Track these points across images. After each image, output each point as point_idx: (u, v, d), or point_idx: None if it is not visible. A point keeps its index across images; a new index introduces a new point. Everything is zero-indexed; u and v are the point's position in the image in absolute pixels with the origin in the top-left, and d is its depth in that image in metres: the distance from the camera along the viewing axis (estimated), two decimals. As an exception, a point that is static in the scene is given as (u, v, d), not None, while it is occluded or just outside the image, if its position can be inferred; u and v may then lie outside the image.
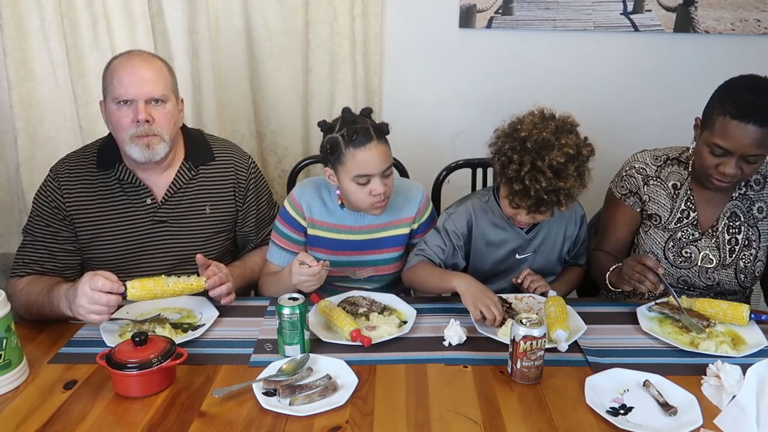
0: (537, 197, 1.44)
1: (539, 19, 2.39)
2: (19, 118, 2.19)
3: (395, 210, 1.71)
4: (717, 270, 1.67)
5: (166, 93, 1.56)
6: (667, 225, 1.70)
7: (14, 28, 2.12)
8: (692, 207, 1.68)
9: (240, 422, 1.13)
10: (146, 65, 1.55)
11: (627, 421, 1.13)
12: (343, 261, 1.71)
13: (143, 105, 1.52)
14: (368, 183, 1.55)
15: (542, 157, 1.43)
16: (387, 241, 1.73)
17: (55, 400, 1.20)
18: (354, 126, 1.52)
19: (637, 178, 1.72)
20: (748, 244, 1.66)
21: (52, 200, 1.61)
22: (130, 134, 1.53)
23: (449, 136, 2.50)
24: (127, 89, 1.51)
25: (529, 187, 1.43)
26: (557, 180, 1.43)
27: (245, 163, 1.76)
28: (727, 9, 2.38)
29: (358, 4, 2.28)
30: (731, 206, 1.66)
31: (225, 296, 1.51)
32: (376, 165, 1.53)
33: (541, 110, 1.53)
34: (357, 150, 1.51)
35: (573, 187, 1.45)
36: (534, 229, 1.68)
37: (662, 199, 1.70)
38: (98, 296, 1.33)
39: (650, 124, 2.51)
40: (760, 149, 1.47)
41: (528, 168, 1.43)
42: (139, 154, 1.55)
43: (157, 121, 1.54)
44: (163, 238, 1.67)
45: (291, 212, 1.70)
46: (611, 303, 1.66)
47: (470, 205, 1.69)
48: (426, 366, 1.32)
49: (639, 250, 1.76)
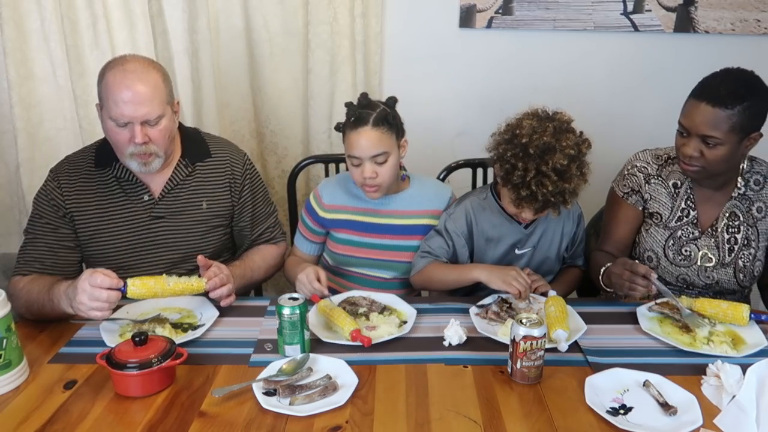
0: (544, 200, 1.49)
1: (539, 19, 2.39)
2: (19, 118, 2.19)
3: (424, 200, 1.79)
4: (716, 269, 1.68)
5: (161, 112, 1.54)
6: (667, 223, 1.70)
7: (14, 28, 2.12)
8: (692, 206, 1.68)
9: (240, 422, 1.13)
10: (141, 84, 1.51)
11: (627, 421, 1.13)
12: (365, 242, 1.77)
13: (140, 127, 1.51)
14: (360, 165, 1.64)
15: (545, 162, 1.46)
16: (410, 229, 1.78)
17: (55, 400, 1.20)
18: (359, 110, 1.63)
19: (639, 176, 1.72)
20: (747, 244, 1.66)
21: (51, 198, 1.63)
22: (129, 152, 1.55)
23: (449, 136, 2.50)
24: (123, 112, 1.49)
25: (536, 192, 1.47)
26: (562, 182, 1.47)
27: (240, 160, 1.78)
28: (727, 9, 2.39)
29: (358, 4, 2.28)
30: (731, 206, 1.66)
31: (225, 297, 1.51)
32: (363, 149, 1.62)
33: (536, 111, 1.55)
34: (350, 132, 1.63)
35: (577, 186, 1.51)
36: (532, 224, 1.70)
37: (663, 198, 1.71)
38: (98, 293, 1.33)
39: (650, 123, 2.50)
40: (714, 131, 1.49)
41: (533, 174, 1.47)
42: (137, 167, 1.59)
43: (154, 140, 1.55)
44: (161, 233, 1.68)
45: (312, 202, 1.81)
46: (611, 303, 1.66)
47: (468, 204, 1.72)
48: (426, 366, 1.32)
49: (639, 248, 1.76)
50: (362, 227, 1.77)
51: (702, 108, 1.50)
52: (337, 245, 1.79)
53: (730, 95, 1.48)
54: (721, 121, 1.48)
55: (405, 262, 1.78)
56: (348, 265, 1.81)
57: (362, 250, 1.78)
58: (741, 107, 1.47)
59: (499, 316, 1.48)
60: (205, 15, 2.26)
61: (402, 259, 1.78)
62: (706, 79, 1.56)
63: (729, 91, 1.49)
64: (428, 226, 1.77)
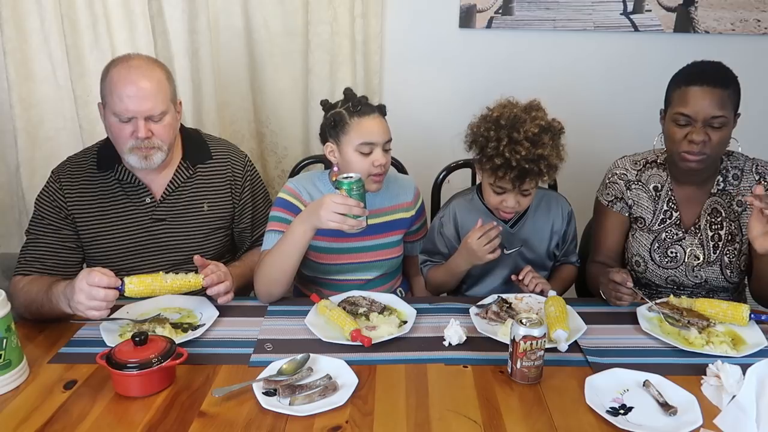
0: (519, 168, 1.50)
1: (539, 19, 2.39)
2: (19, 118, 2.19)
3: (393, 196, 1.79)
4: (703, 267, 1.67)
5: (165, 108, 1.56)
6: (651, 227, 1.71)
7: (14, 28, 2.12)
8: (674, 207, 1.69)
9: (240, 422, 1.13)
10: (145, 80, 1.53)
11: (627, 421, 1.13)
12: (345, 248, 1.74)
13: (143, 122, 1.53)
14: (371, 153, 1.61)
15: (517, 130, 1.51)
16: (389, 225, 1.78)
17: (55, 400, 1.20)
18: (358, 99, 1.63)
19: (620, 183, 1.74)
20: (731, 239, 1.66)
21: (53, 200, 1.63)
22: (129, 146, 1.55)
23: (449, 136, 2.49)
24: (127, 107, 1.51)
25: (509, 158, 1.50)
26: (535, 148, 1.50)
27: (241, 161, 1.78)
28: (727, 9, 2.39)
29: (358, 4, 2.28)
30: (711, 202, 1.67)
31: (223, 295, 1.51)
32: (380, 134, 1.61)
33: (507, 98, 1.63)
34: (362, 119, 1.60)
35: (551, 156, 1.52)
36: (518, 223, 1.72)
37: (645, 202, 1.72)
38: (95, 291, 1.33)
39: (650, 124, 2.49)
40: (721, 110, 1.51)
41: (506, 142, 1.51)
42: (137, 162, 1.58)
43: (157, 134, 1.56)
44: (162, 235, 1.68)
45: (290, 200, 1.69)
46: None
47: (454, 206, 1.77)
48: (426, 366, 1.32)
49: (627, 254, 1.76)
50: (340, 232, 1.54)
51: (706, 91, 1.51)
52: (318, 255, 1.71)
53: (721, 76, 1.55)
54: (725, 99, 1.52)
55: (387, 259, 1.79)
56: (330, 273, 1.76)
57: (344, 256, 1.73)
58: (733, 86, 1.54)
59: (499, 316, 1.48)
60: (205, 15, 2.26)
61: (384, 257, 1.78)
62: (687, 69, 1.60)
63: (718, 72, 1.56)
64: (403, 219, 1.80)
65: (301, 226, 1.50)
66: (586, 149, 2.45)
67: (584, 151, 2.44)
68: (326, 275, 1.77)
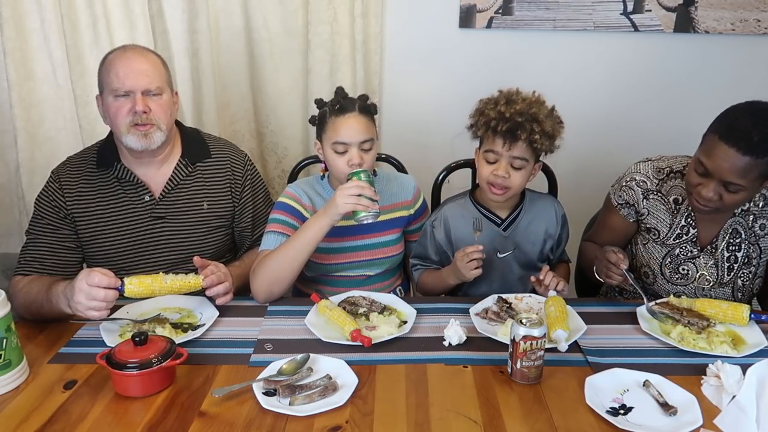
0: (512, 121, 1.53)
1: (539, 19, 2.39)
2: (19, 118, 2.19)
3: (392, 194, 1.80)
4: (714, 288, 1.65)
5: (161, 85, 1.60)
6: (665, 240, 1.65)
7: (14, 28, 2.12)
8: (692, 223, 1.62)
9: (240, 422, 1.13)
10: (141, 58, 1.59)
11: (627, 421, 1.13)
12: (345, 246, 1.74)
13: (140, 96, 1.56)
14: (345, 152, 1.61)
15: (515, 94, 1.59)
16: (389, 224, 1.78)
17: (55, 400, 1.20)
18: (340, 99, 1.64)
19: (637, 191, 1.65)
20: (748, 262, 1.62)
21: (53, 200, 1.63)
22: (127, 122, 1.57)
23: (449, 136, 2.49)
24: (124, 81, 1.55)
25: (504, 111, 1.54)
26: (530, 108, 1.54)
27: (241, 160, 1.78)
28: (727, 9, 2.38)
29: (358, 4, 2.28)
30: (732, 222, 1.60)
31: (222, 296, 1.51)
32: (353, 134, 1.60)
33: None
34: (337, 118, 1.61)
35: (545, 123, 1.54)
36: (511, 226, 1.71)
37: (662, 214, 1.64)
38: (95, 292, 1.33)
39: (650, 124, 2.51)
40: (740, 179, 1.39)
41: (503, 102, 1.57)
42: (136, 142, 1.58)
43: (154, 111, 1.58)
44: (162, 234, 1.68)
45: (291, 203, 1.70)
46: (611, 303, 1.66)
47: (446, 211, 1.77)
48: (426, 366, 1.32)
49: (636, 262, 1.74)
50: (340, 232, 1.68)
51: (731, 154, 1.36)
52: (320, 255, 1.69)
53: (763, 143, 1.35)
54: (750, 169, 1.37)
55: (387, 257, 1.79)
56: (330, 272, 1.76)
57: (343, 255, 1.74)
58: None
59: (499, 316, 1.48)
60: (205, 15, 2.26)
61: (384, 255, 1.78)
62: (733, 117, 1.41)
63: (762, 137, 1.35)
64: (402, 218, 1.80)
65: (317, 222, 1.54)
66: (586, 149, 2.46)
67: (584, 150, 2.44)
68: (327, 274, 1.78)
